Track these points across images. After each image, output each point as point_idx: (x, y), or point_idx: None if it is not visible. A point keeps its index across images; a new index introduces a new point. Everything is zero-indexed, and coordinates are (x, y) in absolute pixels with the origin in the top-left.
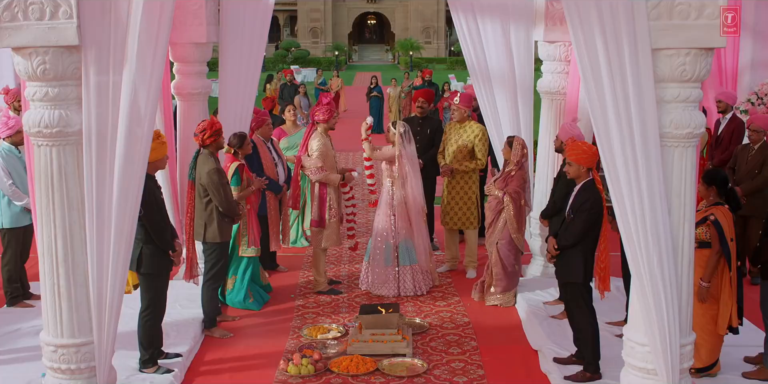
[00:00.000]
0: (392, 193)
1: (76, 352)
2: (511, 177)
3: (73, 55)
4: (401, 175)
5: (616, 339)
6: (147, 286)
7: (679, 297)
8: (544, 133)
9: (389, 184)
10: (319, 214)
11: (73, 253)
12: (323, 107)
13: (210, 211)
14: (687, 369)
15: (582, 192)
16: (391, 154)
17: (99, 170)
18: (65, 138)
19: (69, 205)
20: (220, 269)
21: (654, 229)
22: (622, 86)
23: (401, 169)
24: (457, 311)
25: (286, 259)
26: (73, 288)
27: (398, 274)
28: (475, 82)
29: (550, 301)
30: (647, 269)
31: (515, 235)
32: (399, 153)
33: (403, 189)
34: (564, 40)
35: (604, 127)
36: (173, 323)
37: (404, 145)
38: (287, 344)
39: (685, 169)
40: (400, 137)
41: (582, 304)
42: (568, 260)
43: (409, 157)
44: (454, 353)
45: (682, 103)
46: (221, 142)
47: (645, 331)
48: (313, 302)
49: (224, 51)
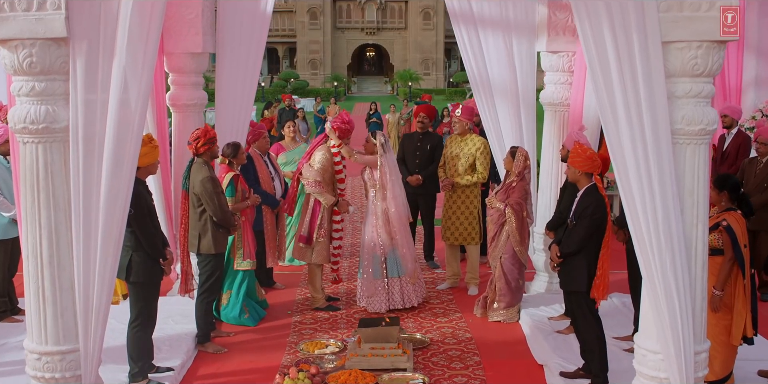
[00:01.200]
0: (376, 203)
1: (61, 360)
2: (513, 188)
3: (61, 48)
4: (382, 184)
5: (624, 353)
6: (136, 296)
7: (693, 301)
8: (548, 145)
9: (372, 194)
10: (309, 231)
11: (59, 256)
12: (342, 126)
13: (204, 222)
14: (702, 378)
15: (584, 197)
16: (371, 160)
17: (87, 169)
18: (52, 134)
19: (55, 206)
20: (215, 282)
21: (666, 230)
22: (632, 81)
23: (383, 178)
24: (459, 327)
25: (283, 277)
26: (59, 292)
27: (387, 286)
28: (477, 94)
29: (555, 317)
30: (659, 272)
31: (518, 248)
32: (381, 162)
33: (383, 201)
34: (567, 50)
35: (614, 124)
36: (165, 338)
37: (385, 155)
38: (283, 359)
39: (697, 167)
40: (381, 147)
41: (587, 312)
42: (572, 268)
43: (391, 167)
44: (457, 368)
45: (694, 98)
46: (215, 150)
47: (657, 338)
48: (311, 318)
49: (221, 60)
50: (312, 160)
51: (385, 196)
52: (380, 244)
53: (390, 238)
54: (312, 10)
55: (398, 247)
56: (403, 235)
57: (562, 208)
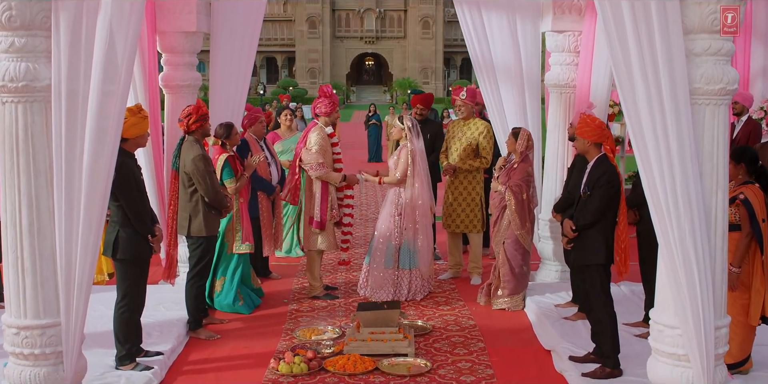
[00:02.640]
0: (399, 192)
1: (41, 335)
2: (514, 170)
3: (42, 1)
4: (414, 172)
5: (635, 338)
6: (123, 274)
7: (713, 271)
8: (553, 128)
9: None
10: (321, 215)
11: (39, 224)
12: (325, 100)
13: (195, 202)
14: (722, 356)
15: (596, 167)
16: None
17: (69, 130)
18: (32, 94)
19: (35, 170)
20: (205, 265)
21: (685, 196)
22: (648, 38)
23: (414, 166)
24: (462, 314)
25: (280, 268)
26: (39, 262)
27: (397, 277)
28: (480, 76)
29: (562, 304)
30: (677, 240)
31: (518, 231)
32: (412, 148)
33: (412, 188)
34: (573, 29)
35: (629, 83)
36: (156, 324)
37: (413, 140)
38: (279, 345)
39: (717, 129)
40: (409, 131)
41: (599, 289)
42: (588, 241)
43: (421, 153)
44: (460, 354)
45: (714, 56)
46: (207, 128)
47: (675, 311)
48: (308, 307)
49: (216, 41)
50: (308, 144)
51: (414, 185)
52: (396, 234)
53: (412, 230)
54: (311, 19)
55: (417, 240)
56: (426, 227)
57: (571, 188)
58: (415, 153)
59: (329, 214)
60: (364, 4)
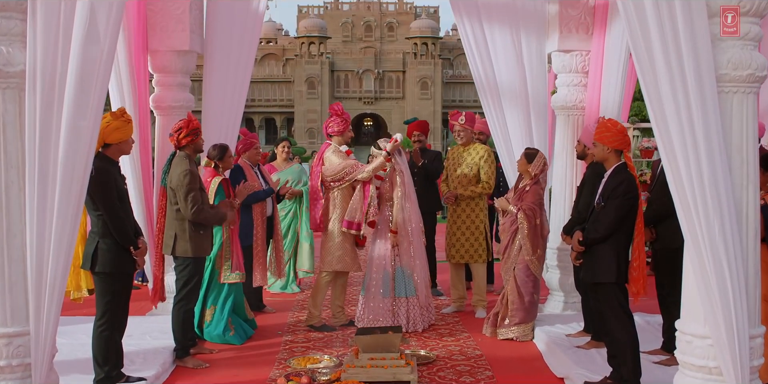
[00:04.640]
0: (390, 215)
1: (8, 345)
2: (526, 192)
3: None
4: (404, 192)
5: (655, 365)
6: (103, 289)
7: (746, 275)
8: (560, 152)
9: (389, 205)
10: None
11: (9, 221)
12: (337, 119)
13: (182, 221)
14: (757, 368)
15: (614, 176)
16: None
17: (44, 120)
18: (5, 80)
19: (7, 162)
20: (193, 288)
21: (714, 191)
22: (670, 22)
23: (404, 187)
24: (467, 345)
25: (275, 303)
26: (7, 263)
27: (394, 306)
28: (483, 99)
29: (574, 334)
30: (707, 240)
31: (528, 257)
32: (395, 168)
33: (402, 212)
34: (581, 48)
35: (651, 70)
36: (140, 352)
37: (396, 159)
38: (271, 374)
39: (746, 119)
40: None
41: (617, 308)
42: (598, 257)
43: (406, 173)
44: (467, 381)
45: (740, 40)
46: (199, 144)
47: (706, 319)
48: (303, 338)
49: (209, 61)
50: (328, 162)
51: (404, 208)
52: (390, 259)
53: (406, 254)
54: (310, 80)
55: (410, 265)
56: (420, 251)
57: (581, 207)
58: (403, 174)
59: (369, 212)
60: (363, 65)
